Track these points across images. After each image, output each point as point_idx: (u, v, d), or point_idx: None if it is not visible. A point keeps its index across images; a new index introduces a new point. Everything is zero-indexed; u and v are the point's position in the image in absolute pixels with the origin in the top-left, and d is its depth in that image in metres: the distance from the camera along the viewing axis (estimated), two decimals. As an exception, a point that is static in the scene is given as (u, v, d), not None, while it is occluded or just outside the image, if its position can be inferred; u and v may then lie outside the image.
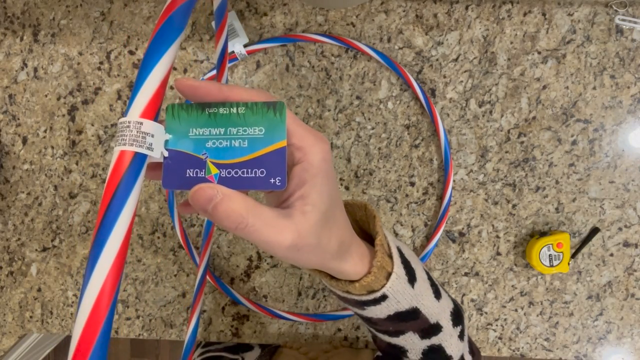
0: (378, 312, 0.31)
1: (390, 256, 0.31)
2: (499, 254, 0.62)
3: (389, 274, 0.30)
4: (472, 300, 0.62)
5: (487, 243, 0.62)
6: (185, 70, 0.62)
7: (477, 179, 0.61)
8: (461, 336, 0.36)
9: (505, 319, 0.63)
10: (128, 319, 0.66)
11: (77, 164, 0.64)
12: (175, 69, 0.62)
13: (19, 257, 0.66)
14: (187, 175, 0.27)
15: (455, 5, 0.59)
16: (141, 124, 0.27)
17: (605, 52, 0.59)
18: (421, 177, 0.62)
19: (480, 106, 0.60)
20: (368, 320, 0.33)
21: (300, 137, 0.25)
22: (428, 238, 0.62)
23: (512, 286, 0.62)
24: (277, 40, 0.60)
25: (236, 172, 0.26)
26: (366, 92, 0.61)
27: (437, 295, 0.35)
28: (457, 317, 0.36)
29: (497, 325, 0.63)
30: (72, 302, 0.66)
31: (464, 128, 0.61)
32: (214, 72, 0.60)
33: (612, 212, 0.61)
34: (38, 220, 0.65)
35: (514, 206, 0.61)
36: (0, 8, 0.64)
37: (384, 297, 0.30)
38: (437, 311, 0.34)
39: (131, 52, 0.63)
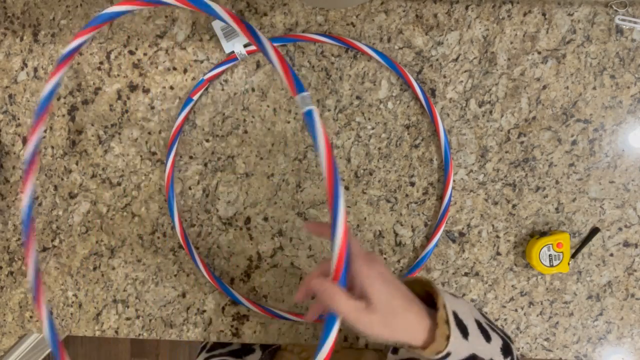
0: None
1: (447, 322, 0.38)
2: (499, 254, 0.62)
3: (448, 337, 0.37)
4: (472, 300, 0.62)
5: (487, 243, 0.62)
6: (185, 70, 0.62)
7: (477, 179, 0.61)
8: None
9: (505, 319, 0.63)
10: (128, 319, 0.66)
11: (77, 164, 0.65)
12: (175, 68, 0.62)
13: (19, 257, 0.66)
14: None
15: (455, 5, 0.60)
16: None
17: (605, 52, 0.59)
18: (421, 177, 0.62)
19: (480, 106, 0.60)
20: None
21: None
22: (428, 238, 0.62)
23: (512, 286, 0.62)
24: (277, 40, 0.60)
25: None
26: (366, 92, 0.61)
27: (487, 338, 0.42)
28: (507, 350, 0.43)
29: (497, 325, 0.63)
30: (72, 302, 0.66)
31: (464, 128, 0.61)
32: (215, 71, 0.60)
33: (612, 212, 0.61)
34: (38, 220, 0.65)
35: (514, 206, 0.61)
36: (0, 8, 0.64)
37: (447, 355, 0.37)
38: (490, 351, 0.41)
39: (131, 52, 0.63)
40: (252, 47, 0.60)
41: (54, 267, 0.66)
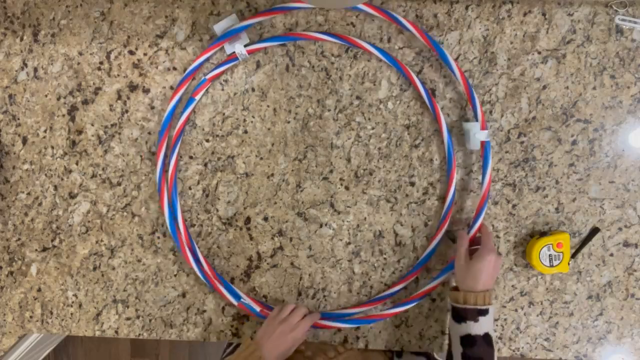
0: (484, 324, 0.53)
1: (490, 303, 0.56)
2: (499, 254, 0.62)
3: (490, 305, 0.55)
4: (472, 300, 0.62)
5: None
6: (185, 70, 0.62)
7: (477, 179, 0.61)
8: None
9: (505, 319, 0.63)
10: (128, 319, 0.66)
11: (77, 164, 0.64)
12: (175, 68, 0.62)
13: (19, 257, 0.66)
14: None
15: (455, 5, 0.59)
16: None
17: (605, 52, 0.59)
18: (421, 177, 0.62)
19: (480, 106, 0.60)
20: (471, 343, 0.53)
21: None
22: (428, 238, 0.62)
23: (512, 286, 0.62)
24: (277, 39, 0.60)
25: None
26: (366, 92, 0.61)
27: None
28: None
29: (497, 325, 0.63)
30: (72, 302, 0.66)
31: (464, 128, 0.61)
32: (216, 71, 0.60)
33: (612, 212, 0.61)
34: (38, 220, 0.65)
35: (514, 206, 0.61)
36: (0, 8, 0.64)
37: (487, 311, 0.53)
38: (495, 356, 0.56)
39: (131, 52, 0.63)
40: (253, 47, 0.60)
41: (54, 267, 0.66)
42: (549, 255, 0.58)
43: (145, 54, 0.63)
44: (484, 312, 0.53)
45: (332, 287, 0.64)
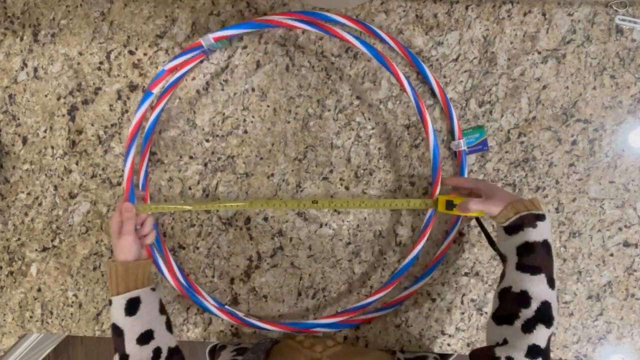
0: (542, 230, 0.48)
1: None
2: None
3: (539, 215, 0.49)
4: (472, 300, 0.62)
5: (487, 243, 0.62)
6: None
7: (477, 178, 0.61)
8: (556, 311, 0.48)
9: (505, 319, 0.63)
10: (128, 319, 0.66)
11: (77, 164, 0.64)
12: (175, 68, 0.62)
13: (19, 257, 0.66)
14: None
15: (455, 5, 0.59)
16: None
17: (605, 52, 0.59)
18: (421, 177, 0.62)
19: (480, 106, 0.60)
20: (529, 251, 0.48)
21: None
22: (427, 238, 0.62)
23: (512, 286, 0.62)
24: (245, 26, 0.57)
25: None
26: (366, 92, 0.61)
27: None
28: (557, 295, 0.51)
29: (497, 325, 0.63)
30: (72, 302, 0.66)
31: (464, 128, 0.61)
32: (175, 62, 0.60)
33: (612, 212, 0.61)
34: (38, 220, 0.65)
35: (514, 206, 0.61)
36: (0, 8, 0.64)
37: (544, 216, 0.49)
38: (555, 269, 0.50)
39: (131, 52, 0.63)
40: (219, 34, 0.56)
41: (54, 267, 0.66)
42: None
43: (145, 54, 0.63)
44: (541, 217, 0.48)
45: (332, 287, 0.64)
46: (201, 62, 0.62)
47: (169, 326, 0.55)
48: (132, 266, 0.53)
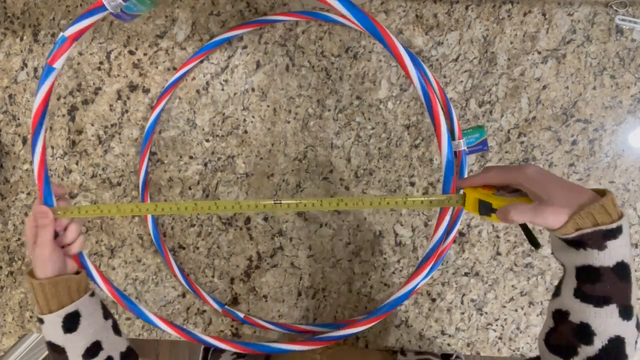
0: (615, 251, 0.35)
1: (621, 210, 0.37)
2: (499, 254, 0.62)
3: (619, 216, 0.36)
4: (472, 300, 0.62)
5: (487, 243, 0.62)
6: (185, 70, 0.62)
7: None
8: (635, 345, 0.37)
9: (505, 319, 0.63)
10: (128, 319, 0.66)
11: (77, 164, 0.64)
12: (175, 68, 0.62)
13: (19, 257, 0.66)
14: None
15: (455, 5, 0.59)
16: None
17: (605, 52, 0.59)
18: (421, 177, 0.62)
19: (480, 106, 0.60)
20: (593, 278, 0.36)
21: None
22: (428, 238, 0.62)
23: (512, 286, 0.62)
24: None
25: None
26: (366, 92, 0.61)
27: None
28: (639, 322, 0.37)
29: (497, 325, 0.63)
30: (72, 302, 0.66)
31: (464, 128, 0.61)
32: (78, 25, 0.53)
33: (612, 212, 0.61)
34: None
35: (514, 206, 0.61)
36: (0, 8, 0.64)
37: (621, 229, 0.35)
38: (634, 295, 0.36)
39: (131, 52, 0.63)
40: None
41: (54, 267, 0.66)
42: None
43: (145, 54, 0.63)
44: (615, 232, 0.34)
45: (332, 287, 0.64)
46: (201, 62, 0.62)
47: (117, 329, 0.49)
48: (61, 280, 0.44)
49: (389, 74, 0.61)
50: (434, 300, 0.63)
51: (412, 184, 0.62)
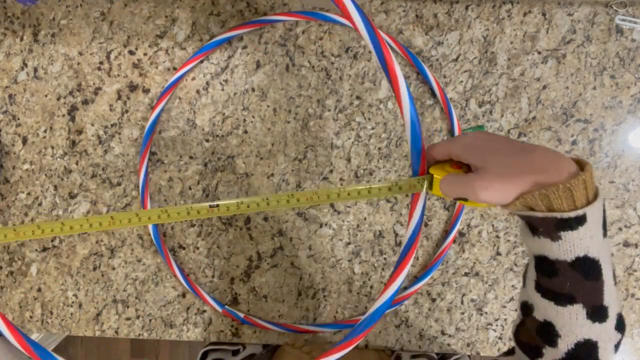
0: (571, 245, 0.29)
1: (596, 194, 0.30)
2: (499, 254, 0.62)
3: (588, 202, 0.29)
4: (472, 300, 0.62)
5: (487, 243, 0.62)
6: (185, 70, 0.62)
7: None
8: (616, 348, 0.33)
9: (505, 319, 0.63)
10: (128, 319, 0.66)
11: (77, 164, 0.64)
12: (175, 68, 0.62)
13: (19, 257, 0.66)
14: None
15: (455, 5, 0.59)
16: None
17: (605, 52, 0.59)
18: (421, 177, 0.62)
19: (480, 106, 0.60)
20: (549, 271, 0.30)
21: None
22: (428, 238, 0.62)
23: (512, 286, 0.62)
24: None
25: None
26: (366, 92, 0.61)
27: (614, 279, 0.32)
28: (621, 323, 0.33)
29: (497, 325, 0.63)
30: (72, 302, 0.66)
31: (464, 128, 0.61)
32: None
33: (612, 212, 0.61)
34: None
35: (514, 206, 0.61)
36: (0, 8, 0.64)
37: (583, 219, 0.28)
38: (611, 293, 0.31)
39: (131, 52, 0.63)
40: None
41: (54, 267, 0.66)
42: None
43: (145, 54, 0.63)
44: (571, 224, 0.28)
45: (332, 287, 0.64)
46: (201, 62, 0.62)
47: None
48: None
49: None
50: (434, 300, 0.63)
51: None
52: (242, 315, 0.62)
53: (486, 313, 0.63)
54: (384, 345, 0.64)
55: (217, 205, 0.38)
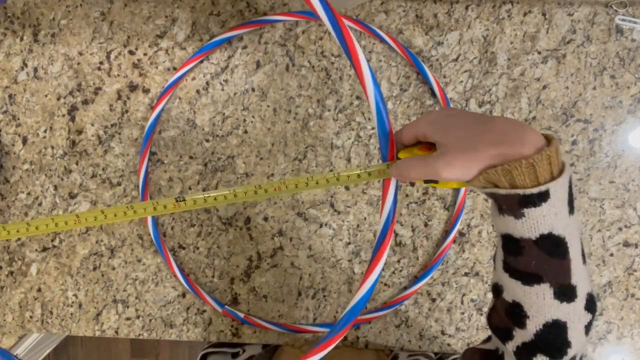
0: (534, 222, 0.28)
1: (562, 169, 0.29)
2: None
3: (552, 178, 0.28)
4: (472, 300, 0.62)
5: (487, 243, 0.62)
6: (185, 70, 0.62)
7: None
8: (587, 329, 0.32)
9: (505, 319, 0.63)
10: (128, 319, 0.66)
11: (77, 164, 0.65)
12: (175, 68, 0.62)
13: (19, 257, 0.66)
14: None
15: (455, 5, 0.60)
16: None
17: (605, 52, 0.59)
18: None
19: (480, 106, 0.60)
20: (514, 250, 0.30)
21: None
22: (428, 238, 0.62)
23: (512, 286, 0.62)
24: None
25: None
26: (366, 92, 0.61)
27: (584, 258, 0.32)
28: (591, 303, 0.32)
29: (497, 325, 0.63)
30: (72, 302, 0.66)
31: (464, 128, 0.61)
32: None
33: (612, 212, 0.61)
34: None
35: (514, 206, 0.61)
36: (0, 8, 0.64)
37: (546, 196, 0.28)
38: (579, 272, 0.31)
39: (131, 52, 0.63)
40: None
41: (54, 267, 0.66)
42: None
43: (145, 54, 0.63)
44: (533, 200, 0.28)
45: (332, 287, 0.64)
46: (201, 62, 0.62)
47: None
48: None
49: (389, 74, 0.61)
50: (434, 300, 0.63)
51: (412, 184, 0.62)
52: (242, 315, 0.62)
53: (486, 313, 0.63)
54: (384, 345, 0.64)
55: (184, 199, 0.38)
